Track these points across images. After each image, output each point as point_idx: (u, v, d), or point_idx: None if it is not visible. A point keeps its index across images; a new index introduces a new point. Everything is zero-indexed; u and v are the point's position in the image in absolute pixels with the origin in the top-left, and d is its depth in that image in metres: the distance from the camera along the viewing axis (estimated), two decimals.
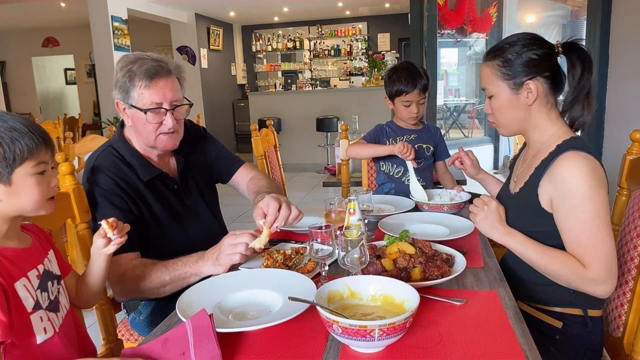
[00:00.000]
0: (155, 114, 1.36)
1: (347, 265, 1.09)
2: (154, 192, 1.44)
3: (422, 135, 2.18)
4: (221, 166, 1.69)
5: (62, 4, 7.31)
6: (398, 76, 2.05)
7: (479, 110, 6.85)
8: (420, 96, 2.05)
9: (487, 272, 1.23)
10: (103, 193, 1.35)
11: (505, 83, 1.24)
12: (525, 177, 1.27)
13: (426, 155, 2.17)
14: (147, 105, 1.34)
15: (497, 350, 0.86)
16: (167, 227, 1.45)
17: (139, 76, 1.33)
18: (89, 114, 10.07)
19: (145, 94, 1.34)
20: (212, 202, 1.65)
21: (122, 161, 1.42)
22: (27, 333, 0.93)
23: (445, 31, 5.33)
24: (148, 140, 1.41)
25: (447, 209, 1.73)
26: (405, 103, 2.07)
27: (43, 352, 0.96)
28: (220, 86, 9.05)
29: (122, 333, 1.57)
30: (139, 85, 1.33)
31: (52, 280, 1.04)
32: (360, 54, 9.59)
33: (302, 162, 7.28)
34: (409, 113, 2.09)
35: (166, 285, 1.28)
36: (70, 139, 3.13)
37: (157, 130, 1.38)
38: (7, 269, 0.92)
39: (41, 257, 1.04)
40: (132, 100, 1.35)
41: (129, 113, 1.39)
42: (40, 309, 0.96)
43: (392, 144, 2.14)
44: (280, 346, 0.91)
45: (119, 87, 1.37)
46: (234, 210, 4.92)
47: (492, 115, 1.32)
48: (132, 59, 1.36)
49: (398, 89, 2.06)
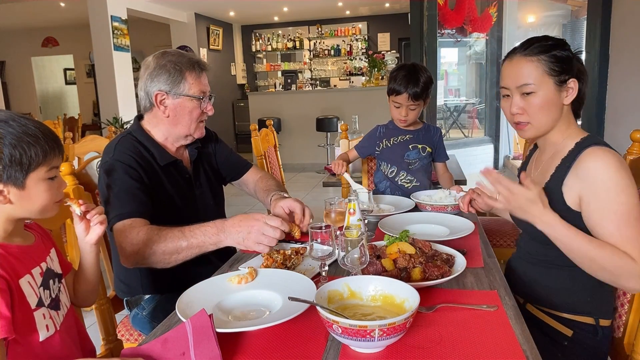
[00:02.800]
0: (203, 102, 1.53)
1: (347, 265, 1.09)
2: (169, 177, 1.53)
3: (418, 136, 2.17)
4: (231, 167, 1.79)
5: (61, 3, 7.30)
6: (396, 75, 2.05)
7: (479, 110, 6.85)
8: (409, 102, 2.02)
9: (487, 272, 1.23)
10: (121, 166, 1.42)
11: (552, 79, 1.19)
12: (545, 177, 1.24)
13: (421, 156, 2.16)
14: (198, 93, 1.51)
15: (497, 350, 0.86)
16: (178, 211, 1.52)
17: (190, 69, 1.49)
18: (89, 114, 10.07)
19: (195, 84, 1.50)
20: (218, 197, 1.74)
21: (141, 146, 1.51)
22: (30, 330, 0.94)
23: (445, 31, 5.33)
24: (188, 128, 1.53)
25: (450, 210, 1.73)
26: (396, 104, 2.08)
27: (44, 349, 0.96)
28: (220, 86, 9.04)
29: (122, 333, 1.57)
30: (191, 76, 1.49)
31: (54, 279, 1.04)
32: (360, 53, 9.59)
33: (302, 162, 7.28)
34: (398, 115, 2.09)
35: (181, 252, 1.28)
36: (69, 139, 3.13)
37: (199, 117, 1.54)
38: (13, 266, 0.93)
39: (44, 255, 1.04)
40: (182, 90, 1.49)
41: (171, 103, 1.50)
42: (43, 307, 0.97)
43: (386, 145, 2.19)
44: (280, 346, 0.91)
45: (162, 80, 1.48)
46: (234, 210, 4.91)
47: (525, 115, 1.23)
48: (176, 54, 1.51)
49: (392, 87, 2.06)
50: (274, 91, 8.67)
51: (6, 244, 0.95)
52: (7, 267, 0.91)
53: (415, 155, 2.16)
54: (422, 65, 2.11)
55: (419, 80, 2.00)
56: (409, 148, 2.16)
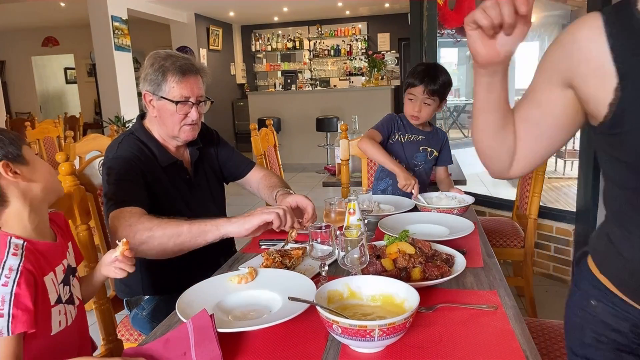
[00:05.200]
0: (183, 106, 1.48)
1: (347, 265, 1.09)
2: (170, 177, 1.53)
3: (429, 139, 2.16)
4: (234, 166, 1.79)
5: (62, 3, 7.30)
6: (415, 69, 2.05)
7: None
8: (424, 95, 2.01)
9: (487, 272, 1.23)
10: (123, 161, 1.43)
11: None
12: None
13: (427, 159, 2.16)
14: (177, 97, 1.47)
15: (497, 350, 0.86)
16: (178, 212, 1.49)
17: (172, 71, 1.45)
18: (90, 113, 10.07)
19: (176, 88, 1.46)
20: (219, 198, 1.74)
21: (144, 145, 1.52)
22: (45, 325, 0.97)
23: (445, 31, 5.32)
24: (172, 130, 1.51)
25: (457, 212, 1.73)
26: (410, 96, 2.06)
27: (57, 341, 1.00)
28: (220, 86, 9.04)
29: (122, 333, 1.57)
30: (172, 80, 1.46)
31: (72, 274, 1.09)
32: (360, 53, 9.59)
33: (302, 162, 7.27)
34: (411, 109, 2.06)
35: (181, 235, 1.26)
36: (70, 138, 3.12)
37: (182, 122, 1.50)
38: (40, 263, 0.97)
39: (64, 251, 1.09)
40: (163, 92, 1.47)
41: (156, 104, 1.50)
42: (60, 303, 1.02)
43: (400, 139, 2.13)
44: (280, 346, 0.91)
45: (149, 80, 1.48)
46: (234, 210, 4.91)
47: None
48: (164, 56, 1.48)
49: (409, 81, 2.05)
50: (274, 91, 8.66)
51: (34, 240, 0.99)
52: (35, 263, 0.95)
53: (423, 157, 2.15)
54: (443, 67, 2.10)
55: (438, 77, 2.00)
56: (419, 150, 2.14)
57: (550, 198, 4.44)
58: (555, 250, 2.96)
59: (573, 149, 5.38)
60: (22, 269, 0.91)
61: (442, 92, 2.02)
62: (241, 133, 9.47)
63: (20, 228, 0.98)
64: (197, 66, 1.51)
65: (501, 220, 2.62)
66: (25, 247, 0.95)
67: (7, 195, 0.96)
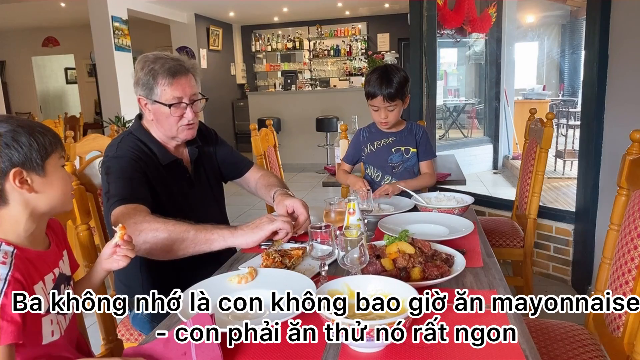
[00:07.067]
0: (177, 108, 1.48)
1: (346, 265, 1.09)
2: (170, 176, 1.54)
3: (401, 138, 2.16)
4: (232, 165, 1.79)
5: (62, 4, 7.30)
6: (370, 78, 2.03)
7: (478, 111, 6.85)
8: (385, 103, 2.00)
9: (486, 272, 1.23)
10: (124, 159, 1.43)
11: None
12: None
13: (404, 158, 2.15)
14: (170, 100, 1.46)
15: (497, 350, 0.86)
16: (179, 210, 1.49)
17: (162, 74, 1.44)
18: (90, 113, 10.06)
19: (168, 90, 1.45)
20: (219, 197, 1.75)
21: (143, 145, 1.52)
22: (36, 335, 0.94)
23: (445, 31, 5.33)
24: (171, 131, 1.52)
25: (457, 212, 1.73)
26: (374, 107, 2.06)
27: (47, 352, 0.97)
28: (220, 86, 9.04)
29: (122, 333, 1.57)
30: (162, 83, 1.45)
31: (65, 283, 1.05)
32: (360, 54, 9.59)
33: (301, 162, 7.28)
34: (378, 118, 2.08)
35: (185, 241, 1.27)
36: (71, 138, 3.10)
37: (178, 123, 1.50)
38: (30, 271, 0.93)
39: (57, 259, 1.05)
40: (156, 96, 1.47)
41: (151, 108, 1.50)
42: (52, 312, 0.98)
43: (370, 150, 2.18)
44: (280, 346, 0.91)
45: (141, 85, 1.47)
46: (234, 210, 4.92)
47: None
48: (153, 59, 1.46)
49: (367, 91, 2.05)
50: (274, 91, 8.67)
51: (25, 248, 0.95)
52: (24, 271, 0.91)
53: (399, 158, 2.15)
54: (395, 66, 2.10)
55: (392, 81, 1.98)
56: (392, 152, 2.15)
57: (550, 198, 4.44)
58: (554, 250, 2.96)
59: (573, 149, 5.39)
60: (10, 279, 0.87)
61: (402, 92, 2.01)
62: (241, 133, 9.47)
63: (14, 233, 0.95)
64: (186, 65, 1.49)
65: (501, 220, 2.62)
66: (15, 254, 0.91)
67: (8, 198, 0.93)
